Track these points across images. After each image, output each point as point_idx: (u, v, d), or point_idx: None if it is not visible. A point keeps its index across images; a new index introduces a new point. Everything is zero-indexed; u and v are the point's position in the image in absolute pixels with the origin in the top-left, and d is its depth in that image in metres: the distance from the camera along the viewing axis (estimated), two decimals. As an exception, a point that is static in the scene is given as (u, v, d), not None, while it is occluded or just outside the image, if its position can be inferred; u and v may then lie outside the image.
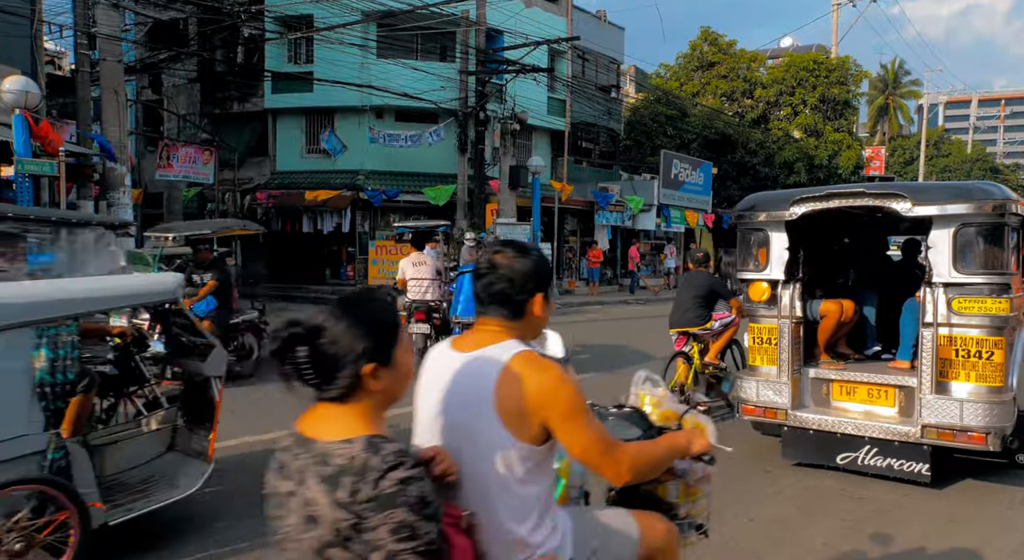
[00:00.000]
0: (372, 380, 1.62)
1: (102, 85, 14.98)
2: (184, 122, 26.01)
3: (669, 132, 32.54)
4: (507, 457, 1.87)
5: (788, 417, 5.88)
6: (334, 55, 21.84)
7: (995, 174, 61.06)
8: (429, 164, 24.33)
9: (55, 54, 29.82)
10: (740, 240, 6.35)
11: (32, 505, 3.67)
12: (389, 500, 1.49)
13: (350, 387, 1.61)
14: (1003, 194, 5.27)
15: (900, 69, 61.68)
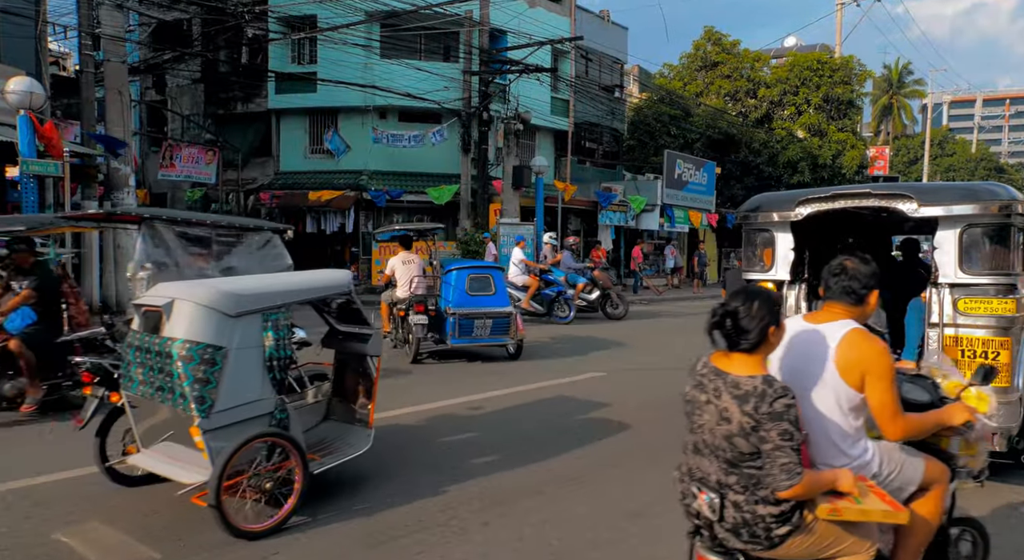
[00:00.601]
0: (773, 337, 2.67)
1: (106, 86, 15.01)
2: (188, 123, 26.06)
3: (672, 132, 32.51)
4: (837, 395, 2.80)
5: (793, 418, 5.86)
6: (338, 55, 21.87)
7: (1000, 174, 60.94)
8: (432, 164, 24.34)
9: (59, 55, 29.88)
10: (745, 241, 6.33)
11: (267, 455, 4.58)
12: (779, 415, 2.53)
13: (758, 342, 2.65)
14: (1009, 194, 5.26)
15: (904, 69, 61.59)
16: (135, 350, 4.77)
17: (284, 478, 4.66)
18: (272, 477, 4.59)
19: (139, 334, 4.81)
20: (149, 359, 4.62)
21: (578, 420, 7.57)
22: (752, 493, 2.63)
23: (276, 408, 4.74)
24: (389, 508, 5.00)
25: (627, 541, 4.55)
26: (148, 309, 4.84)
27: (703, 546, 2.85)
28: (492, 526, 4.73)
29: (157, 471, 4.74)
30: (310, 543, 4.42)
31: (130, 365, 4.81)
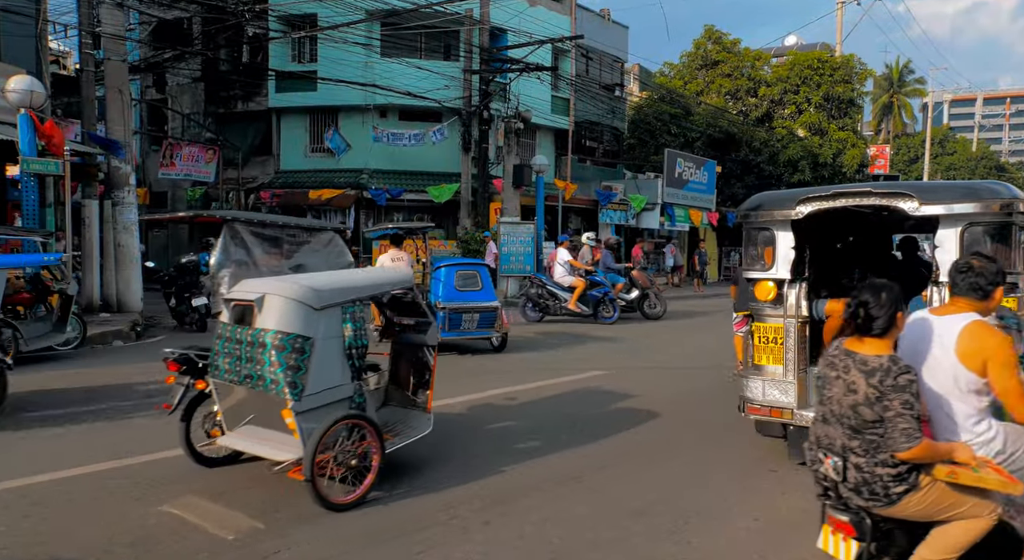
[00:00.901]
0: (900, 321, 3.11)
1: (106, 84, 15.01)
2: (188, 121, 26.06)
3: (673, 131, 32.50)
4: (956, 378, 3.15)
5: (794, 416, 5.86)
6: (338, 54, 21.86)
7: (1000, 172, 60.92)
8: (433, 163, 24.34)
9: (60, 53, 29.89)
10: (746, 239, 6.33)
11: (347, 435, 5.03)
12: (902, 388, 2.94)
13: (887, 327, 3.08)
14: (1011, 193, 5.25)
15: (904, 67, 61.55)
16: (224, 340, 5.22)
17: (363, 456, 5.10)
18: (355, 455, 5.03)
19: (229, 326, 5.25)
20: (239, 348, 5.06)
21: (579, 418, 7.57)
22: (872, 456, 3.05)
23: (355, 393, 5.24)
24: (389, 507, 5.00)
25: (628, 540, 4.55)
26: (238, 303, 5.32)
27: (831, 506, 3.29)
28: (493, 525, 4.74)
29: (249, 450, 5.24)
30: (310, 542, 4.42)
31: (218, 354, 5.24)
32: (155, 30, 25.09)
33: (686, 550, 4.43)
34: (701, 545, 4.51)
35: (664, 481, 5.71)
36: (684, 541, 4.55)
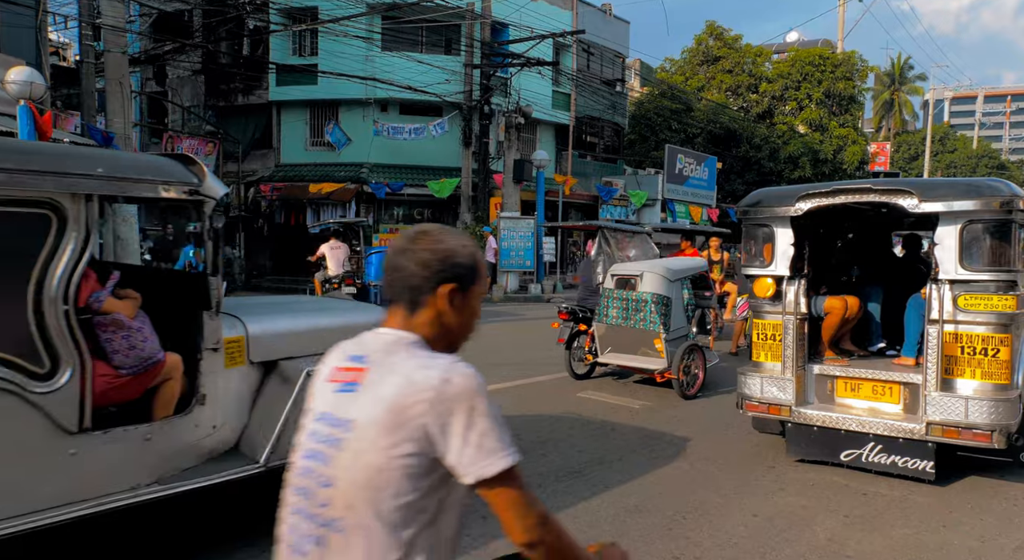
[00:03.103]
0: None
1: (107, 76, 14.98)
2: (188, 114, 26.01)
3: (674, 126, 32.47)
4: None
5: (792, 414, 5.87)
6: (339, 47, 21.82)
7: (1001, 170, 60.82)
8: (433, 157, 24.32)
9: (60, 45, 29.82)
10: (745, 236, 6.33)
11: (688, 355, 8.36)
12: None
13: None
14: (1011, 191, 5.25)
15: (905, 64, 61.43)
16: (611, 299, 8.57)
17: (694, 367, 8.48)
18: (691, 366, 8.40)
19: (615, 290, 8.59)
20: (624, 303, 8.45)
21: (577, 413, 7.58)
22: None
23: (689, 333, 8.83)
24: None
25: (627, 535, 4.56)
26: (621, 277, 8.72)
27: None
28: (490, 520, 4.73)
29: (627, 365, 8.73)
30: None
31: (607, 307, 8.61)
32: (155, 22, 25.04)
33: (684, 546, 4.44)
34: (699, 541, 4.52)
35: (663, 477, 5.72)
36: (683, 537, 4.56)
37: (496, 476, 1.47)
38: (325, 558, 1.51)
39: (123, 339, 3.77)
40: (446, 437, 1.46)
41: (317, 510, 1.53)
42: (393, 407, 1.47)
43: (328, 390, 1.61)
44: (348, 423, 1.52)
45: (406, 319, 1.62)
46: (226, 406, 4.10)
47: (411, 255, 1.60)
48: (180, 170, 3.83)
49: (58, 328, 3.27)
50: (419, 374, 1.49)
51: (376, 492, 1.47)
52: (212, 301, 3.93)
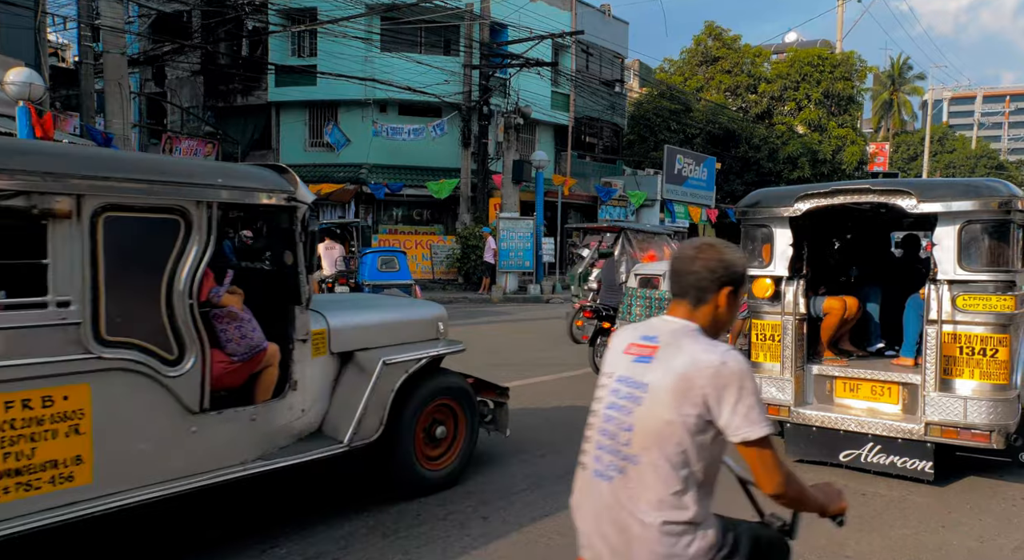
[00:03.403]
0: None
1: (106, 77, 14.99)
2: (188, 115, 26.01)
3: (673, 127, 32.48)
4: None
5: (791, 414, 5.87)
6: (338, 48, 21.83)
7: (1000, 171, 60.85)
8: (432, 158, 24.33)
9: (59, 46, 29.80)
10: (744, 236, 6.33)
11: None
12: None
13: None
14: (1009, 191, 5.25)
15: (905, 64, 61.47)
16: (635, 297, 8.86)
17: None
18: None
19: (639, 289, 8.93)
20: (647, 302, 8.73)
21: (576, 414, 7.58)
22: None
23: None
24: (387, 503, 5.01)
25: (625, 535, 4.56)
26: (644, 276, 9.15)
27: None
28: (491, 520, 4.75)
29: None
30: (309, 537, 4.43)
31: (631, 306, 8.89)
32: (154, 23, 25.05)
33: (683, 546, 4.43)
34: (698, 541, 4.51)
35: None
36: (681, 537, 4.56)
37: (756, 440, 1.96)
38: (625, 482, 2.04)
39: (236, 330, 4.30)
40: (720, 405, 1.94)
41: (619, 448, 2.06)
42: (682, 377, 1.96)
43: (626, 360, 2.13)
44: (645, 385, 2.03)
45: (690, 311, 2.11)
46: (312, 392, 4.59)
47: (700, 262, 2.09)
48: (279, 179, 4.38)
49: (185, 319, 3.74)
50: (703, 355, 1.97)
51: (664, 439, 1.97)
52: (303, 297, 4.43)
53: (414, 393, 4.96)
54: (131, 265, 3.65)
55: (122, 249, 3.54)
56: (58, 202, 3.26)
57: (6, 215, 3.17)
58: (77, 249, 3.35)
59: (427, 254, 23.34)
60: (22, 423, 3.20)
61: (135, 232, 3.66)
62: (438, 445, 5.22)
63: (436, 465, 5.19)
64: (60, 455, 3.31)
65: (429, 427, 5.15)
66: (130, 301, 3.61)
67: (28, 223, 3.24)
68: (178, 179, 3.77)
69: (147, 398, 3.62)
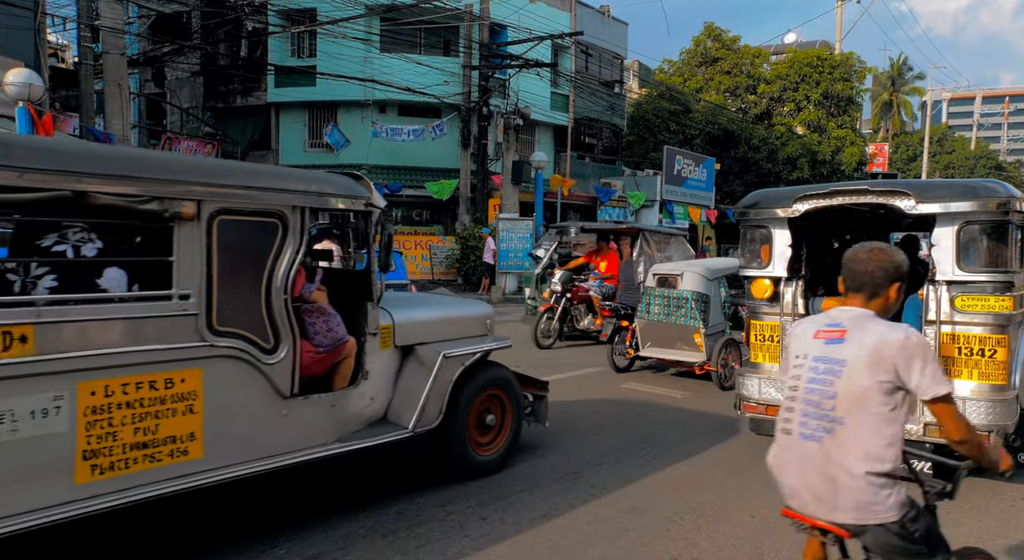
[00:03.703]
0: None
1: (105, 78, 14.99)
2: (187, 115, 26.01)
3: (672, 128, 32.48)
4: None
5: (790, 414, 5.87)
6: (337, 49, 21.84)
7: (999, 171, 60.88)
8: (432, 159, 24.33)
9: (58, 47, 29.79)
10: (743, 237, 6.34)
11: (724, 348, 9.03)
12: None
13: None
14: (1008, 192, 5.26)
15: (904, 65, 61.50)
16: (654, 296, 9.24)
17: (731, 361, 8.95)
18: (728, 360, 8.94)
19: (657, 288, 9.28)
20: (665, 301, 9.10)
21: (575, 414, 7.58)
22: None
23: (726, 328, 9.24)
24: (386, 504, 5.01)
25: (625, 536, 4.57)
26: (662, 276, 9.44)
27: None
28: (490, 521, 4.75)
29: (666, 358, 9.38)
30: (309, 538, 4.44)
31: (649, 304, 9.27)
32: (154, 24, 25.05)
33: (682, 547, 4.44)
34: (697, 542, 4.52)
35: (660, 478, 5.72)
36: (680, 538, 4.57)
37: (943, 396, 2.44)
38: (834, 440, 2.48)
39: (323, 323, 4.68)
40: (909, 372, 2.41)
41: (826, 413, 2.50)
42: (873, 352, 2.44)
43: (817, 343, 2.59)
44: (842, 361, 2.49)
45: (864, 302, 2.58)
46: (380, 382, 5.03)
47: (875, 264, 2.56)
48: (357, 185, 4.76)
49: (281, 313, 4.14)
50: (889, 333, 2.46)
51: (864, 402, 2.44)
52: (375, 294, 4.89)
53: (468, 384, 5.40)
54: (237, 263, 4.04)
55: (230, 249, 3.93)
56: (184, 206, 3.69)
57: (142, 217, 3.62)
58: (196, 248, 3.76)
59: (427, 255, 23.33)
60: (148, 402, 3.62)
61: (241, 234, 4.04)
62: (487, 432, 5.67)
63: (486, 451, 5.64)
64: (177, 431, 3.74)
65: (480, 415, 5.59)
66: (235, 295, 4.00)
67: (158, 225, 3.67)
68: (278, 186, 4.20)
69: (248, 383, 4.03)
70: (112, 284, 3.66)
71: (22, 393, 3.21)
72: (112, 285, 3.65)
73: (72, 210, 3.51)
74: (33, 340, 3.24)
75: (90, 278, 3.60)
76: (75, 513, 3.38)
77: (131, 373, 3.55)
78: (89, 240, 3.67)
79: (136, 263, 3.77)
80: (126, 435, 3.54)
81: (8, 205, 3.32)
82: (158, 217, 3.64)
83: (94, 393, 3.43)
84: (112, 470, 3.51)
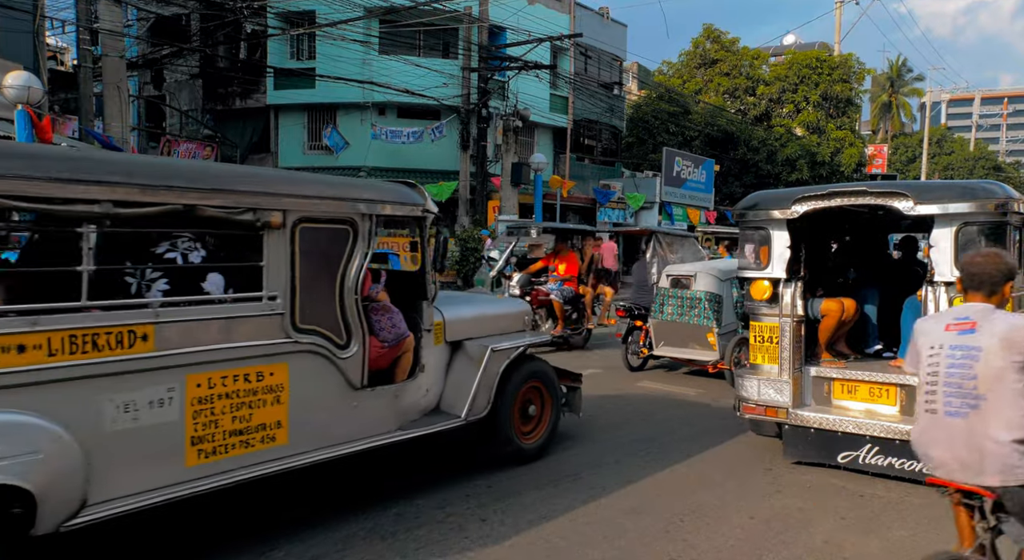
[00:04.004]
0: None
1: (104, 81, 14.98)
2: (186, 118, 26.01)
3: (671, 129, 32.49)
4: None
5: (789, 416, 5.88)
6: (336, 51, 21.84)
7: (998, 172, 60.91)
8: (431, 161, 24.33)
9: (57, 49, 29.79)
10: (742, 238, 6.35)
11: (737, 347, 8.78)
12: None
13: None
14: (1006, 193, 5.27)
15: (903, 66, 61.54)
16: (667, 296, 9.44)
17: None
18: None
19: (671, 289, 9.47)
20: (679, 301, 9.30)
21: (575, 417, 7.57)
22: None
23: (738, 328, 8.98)
24: (385, 506, 5.02)
25: (624, 537, 4.57)
26: (676, 276, 9.62)
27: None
28: (489, 522, 4.75)
29: (679, 357, 9.62)
30: (308, 540, 4.44)
31: (663, 304, 9.46)
32: (153, 26, 25.05)
33: (681, 548, 4.44)
34: (696, 543, 4.53)
35: (659, 480, 5.73)
36: (680, 539, 4.57)
37: None
38: (979, 415, 2.93)
39: (388, 320, 5.08)
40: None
41: (968, 392, 2.96)
42: (1005, 337, 2.91)
43: (951, 334, 3.05)
44: (977, 347, 2.95)
45: (985, 298, 3.06)
46: (433, 374, 5.44)
47: (991, 265, 3.07)
48: (413, 193, 5.20)
49: (352, 311, 4.55)
50: (1017, 320, 2.96)
51: (1002, 380, 2.90)
52: (430, 294, 5.31)
53: (512, 376, 5.81)
54: (314, 266, 4.41)
55: (309, 253, 4.34)
56: (273, 216, 4.11)
57: (239, 227, 4.04)
58: (282, 253, 4.19)
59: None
60: (243, 393, 4.03)
61: (318, 240, 4.43)
62: (529, 422, 6.09)
63: (529, 439, 6.07)
64: (267, 420, 4.15)
65: (523, 406, 6.01)
66: (314, 295, 4.39)
67: (250, 233, 4.09)
68: (350, 196, 4.64)
69: (325, 375, 4.43)
70: (213, 288, 4.05)
71: (143, 385, 3.63)
72: (213, 288, 4.05)
73: (181, 221, 3.91)
74: (153, 338, 3.66)
75: (196, 282, 4.01)
76: (188, 493, 3.81)
77: (229, 367, 3.96)
78: (195, 248, 4.10)
79: (230, 268, 4.15)
80: (225, 423, 3.96)
81: (131, 218, 3.64)
82: (251, 226, 4.05)
83: (199, 385, 3.85)
84: (215, 454, 3.93)
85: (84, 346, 3.43)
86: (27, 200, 3.32)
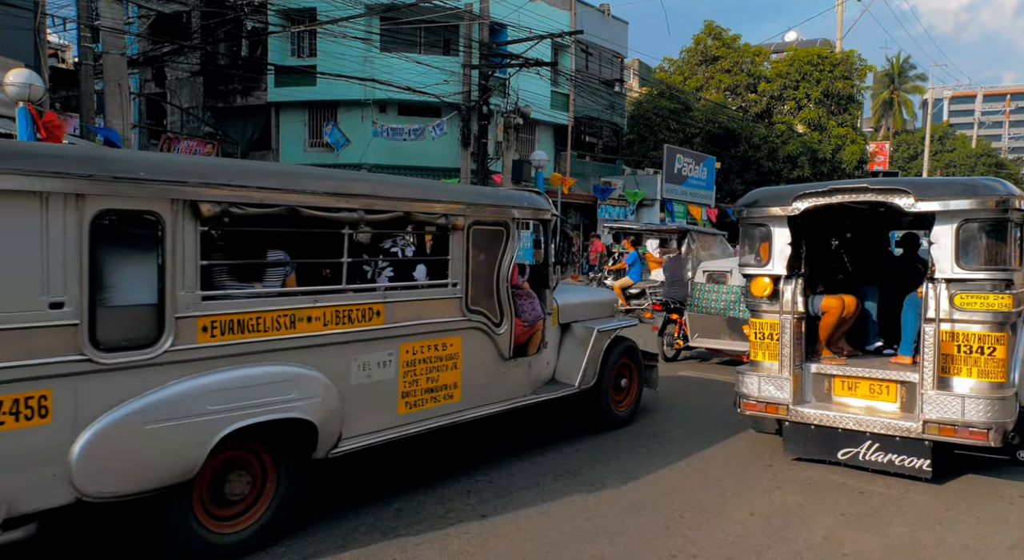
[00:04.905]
0: None
1: (105, 78, 14.96)
2: (187, 115, 26.00)
3: (672, 126, 32.44)
4: None
5: (789, 412, 5.89)
6: (337, 49, 21.81)
7: (1000, 169, 60.78)
8: (432, 158, 24.32)
9: (58, 47, 29.79)
10: (743, 235, 6.35)
11: None
12: None
13: None
14: (1007, 190, 5.27)
15: (905, 63, 61.40)
16: (703, 291, 9.92)
17: None
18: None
19: (707, 284, 10.02)
20: (716, 295, 9.69)
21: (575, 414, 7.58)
22: None
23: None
24: (386, 502, 5.03)
25: (624, 533, 4.58)
26: (711, 272, 10.28)
27: None
28: (490, 518, 4.76)
29: (714, 348, 10.31)
30: (309, 536, 4.45)
31: (699, 297, 9.90)
32: (154, 24, 25.03)
33: (681, 544, 4.45)
34: (696, 539, 4.53)
35: (660, 476, 5.73)
36: (680, 535, 4.58)
37: None
38: None
39: (528, 304, 6.10)
40: None
41: None
42: None
43: None
44: None
45: None
46: (552, 351, 6.55)
47: None
48: (543, 200, 6.45)
49: (505, 296, 5.72)
50: None
51: None
52: (551, 283, 6.52)
53: (611, 353, 6.86)
54: (480, 260, 5.54)
55: (477, 249, 5.49)
56: (458, 221, 5.29)
57: (435, 227, 5.27)
58: (461, 249, 5.36)
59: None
60: (434, 359, 5.20)
61: (483, 239, 5.55)
62: (620, 392, 7.14)
63: (621, 407, 7.16)
64: (448, 381, 5.33)
65: (616, 379, 7.04)
66: (479, 283, 5.53)
67: (441, 233, 5.32)
68: (506, 203, 5.84)
69: (485, 347, 5.59)
70: (420, 276, 5.32)
71: (375, 350, 4.81)
72: (420, 276, 5.31)
73: (400, 224, 5.20)
74: (383, 314, 4.83)
75: (408, 271, 5.32)
76: (398, 435, 4.95)
77: (426, 338, 5.12)
78: (408, 244, 5.52)
79: (429, 261, 5.42)
80: (422, 382, 5.13)
81: (372, 222, 4.77)
82: (444, 228, 5.23)
83: (408, 352, 5.01)
84: (416, 406, 5.10)
85: (343, 319, 4.58)
86: (314, 209, 4.39)
